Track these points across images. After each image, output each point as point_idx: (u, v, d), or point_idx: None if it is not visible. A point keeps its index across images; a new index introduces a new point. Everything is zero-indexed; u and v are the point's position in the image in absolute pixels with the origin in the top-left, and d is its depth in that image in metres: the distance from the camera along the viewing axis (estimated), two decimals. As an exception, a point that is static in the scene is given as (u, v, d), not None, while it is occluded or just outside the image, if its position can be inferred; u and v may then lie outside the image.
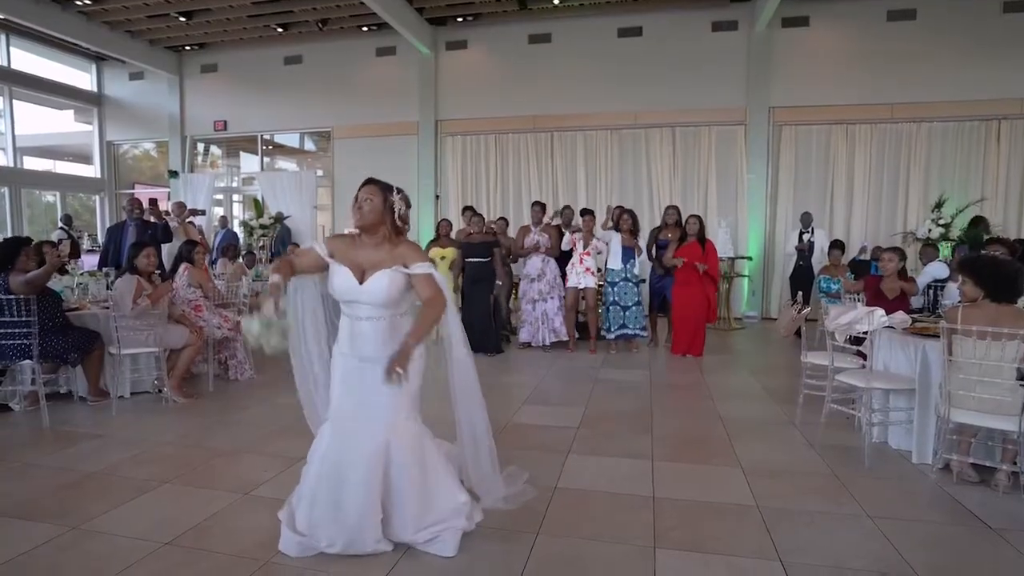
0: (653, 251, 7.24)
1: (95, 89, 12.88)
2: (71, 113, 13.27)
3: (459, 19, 10.67)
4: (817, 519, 2.90)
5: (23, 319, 4.19)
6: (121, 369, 4.84)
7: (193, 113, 12.43)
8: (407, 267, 2.53)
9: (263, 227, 11.21)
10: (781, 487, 3.26)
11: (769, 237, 10.04)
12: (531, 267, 7.17)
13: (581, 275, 6.96)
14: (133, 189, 13.09)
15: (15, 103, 11.72)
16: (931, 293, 6.08)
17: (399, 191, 2.61)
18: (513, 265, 7.71)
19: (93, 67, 12.78)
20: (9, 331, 4.23)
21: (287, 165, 13.25)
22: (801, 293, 6.41)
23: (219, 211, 12.59)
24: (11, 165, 11.58)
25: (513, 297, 7.94)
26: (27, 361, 4.32)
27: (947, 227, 8.33)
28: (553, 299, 7.11)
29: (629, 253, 6.91)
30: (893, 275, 4.84)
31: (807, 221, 8.81)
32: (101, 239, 10.49)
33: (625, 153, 10.44)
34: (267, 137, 12.66)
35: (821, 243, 8.49)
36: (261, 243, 11.08)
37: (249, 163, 13.04)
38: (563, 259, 7.18)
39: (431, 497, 2.57)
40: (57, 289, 5.16)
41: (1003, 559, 2.59)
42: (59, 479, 3.33)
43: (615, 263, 6.92)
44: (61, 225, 9.97)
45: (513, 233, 7.79)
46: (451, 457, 2.76)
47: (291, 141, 13.06)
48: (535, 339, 7.14)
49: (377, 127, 11.17)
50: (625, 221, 6.93)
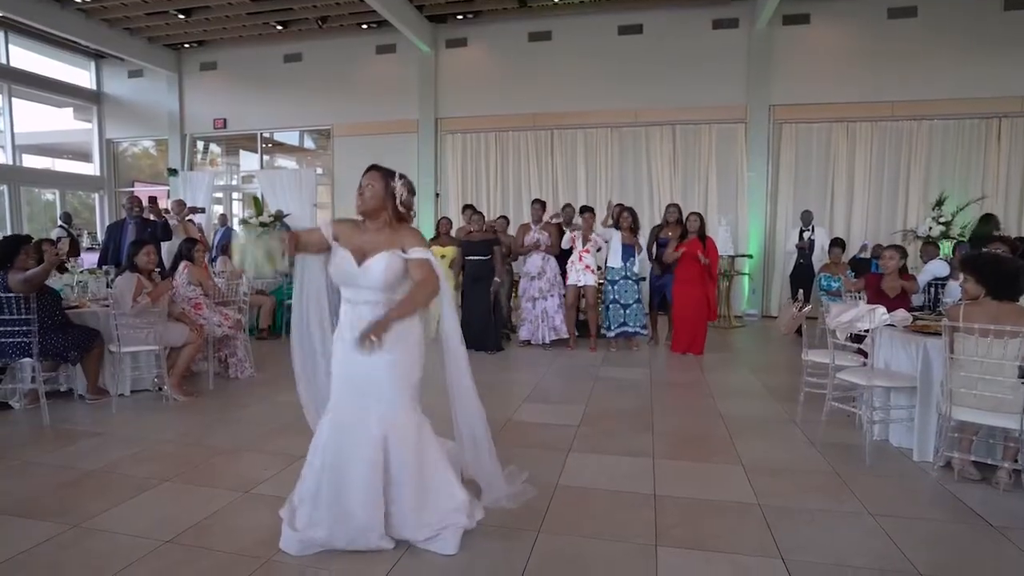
0: (654, 250, 7.23)
1: (94, 87, 12.86)
2: (70, 111, 13.25)
3: (459, 16, 10.65)
4: (818, 517, 2.89)
5: (23, 317, 4.19)
6: (121, 367, 4.83)
7: (192, 111, 12.41)
8: (405, 251, 2.54)
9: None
10: (782, 485, 3.26)
11: (769, 235, 10.03)
12: (531, 265, 7.16)
13: (581, 272, 6.95)
14: (132, 187, 13.08)
15: (14, 101, 11.71)
16: (932, 291, 6.07)
17: (401, 177, 2.62)
18: (513, 263, 7.70)
19: (92, 65, 12.76)
20: (9, 329, 4.22)
21: (287, 163, 13.23)
22: (802, 291, 6.40)
23: (218, 209, 12.57)
24: (10, 163, 11.57)
25: (513, 295, 7.93)
26: (27, 359, 4.31)
27: (947, 225, 8.32)
28: (553, 297, 7.10)
29: (629, 251, 6.90)
30: (894, 273, 4.85)
31: (807, 219, 8.80)
32: (101, 237, 10.49)
33: (625, 151, 10.43)
34: (267, 135, 12.64)
35: (821, 241, 8.48)
36: (261, 241, 11.06)
37: (249, 161, 13.02)
38: (563, 257, 7.17)
39: (429, 491, 2.56)
40: (57, 287, 5.15)
41: (1004, 557, 2.59)
42: (59, 477, 3.33)
43: (615, 261, 6.91)
44: (60, 223, 9.95)
45: (513, 231, 7.79)
46: (452, 455, 2.75)
47: (291, 139, 13.04)
48: (535, 337, 7.13)
49: (377, 125, 11.16)
50: (625, 219, 6.92)
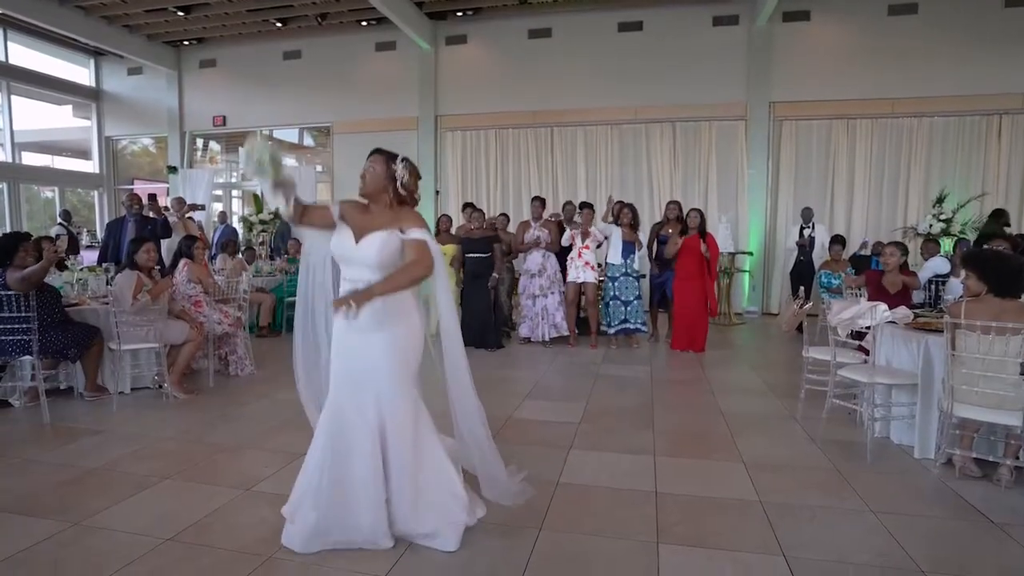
0: (654, 247, 7.22)
1: (93, 84, 12.84)
2: (69, 108, 13.24)
3: (459, 13, 10.63)
4: (820, 514, 2.89)
5: (23, 315, 4.18)
6: (121, 365, 4.83)
7: (192, 108, 12.40)
8: (403, 232, 2.54)
9: (263, 223, 11.18)
10: (783, 482, 3.26)
11: (769, 232, 10.03)
12: (531, 262, 7.15)
13: (580, 269, 6.95)
14: (132, 185, 13.07)
15: (13, 98, 11.69)
16: (932, 288, 6.07)
17: (403, 160, 2.63)
18: (514, 261, 7.69)
19: (91, 62, 12.74)
20: (9, 327, 4.21)
21: (286, 161, 13.18)
22: (803, 288, 6.40)
23: (218, 207, 12.56)
24: (9, 161, 11.56)
25: (513, 293, 7.93)
26: (27, 357, 4.30)
27: (948, 222, 8.32)
28: (553, 294, 7.10)
29: (629, 248, 6.89)
30: (895, 269, 4.83)
31: (808, 216, 8.80)
32: (100, 235, 10.47)
33: (625, 148, 10.42)
34: (266, 132, 12.59)
35: (822, 238, 8.48)
36: (261, 239, 11.06)
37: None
38: (563, 254, 7.16)
39: (428, 483, 2.56)
40: (57, 285, 5.14)
41: (1006, 553, 2.59)
42: (60, 475, 3.32)
43: (615, 258, 6.91)
44: (60, 221, 9.94)
45: (513, 229, 7.78)
46: (452, 452, 2.74)
47: (290, 136, 13.01)
48: (535, 334, 7.13)
49: (377, 122, 11.13)
50: (625, 215, 6.91)
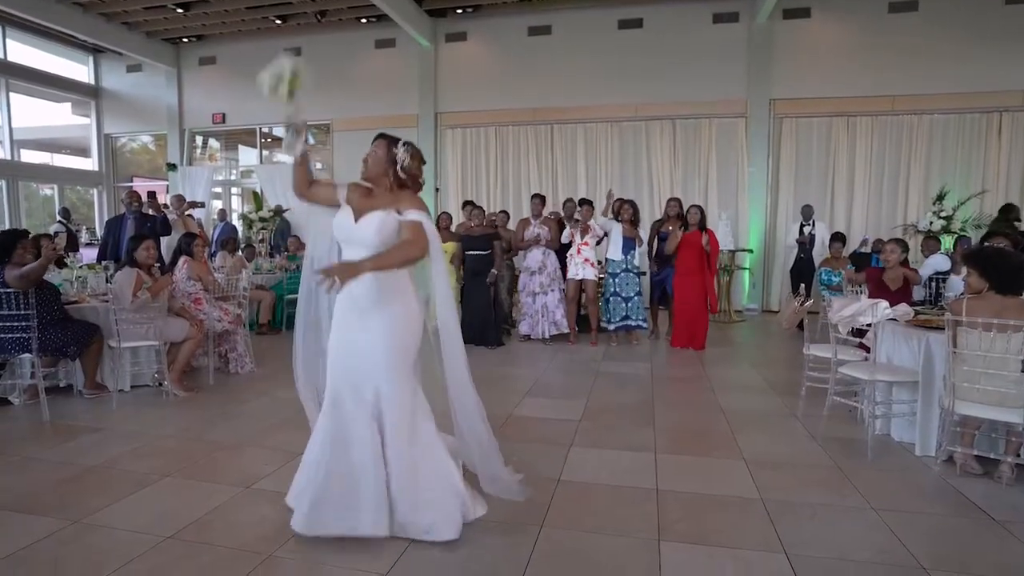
0: (655, 244, 7.21)
1: (92, 81, 12.81)
2: (68, 106, 13.21)
3: (459, 11, 10.61)
4: (820, 511, 2.89)
5: (22, 312, 4.16)
6: (121, 362, 4.82)
7: (191, 106, 12.37)
8: (400, 213, 2.55)
9: (262, 220, 11.17)
10: (784, 479, 3.26)
11: (770, 230, 10.02)
12: (531, 260, 7.15)
13: (580, 266, 6.94)
14: (131, 182, 13.05)
15: (12, 95, 11.66)
16: (933, 285, 6.06)
17: (406, 144, 2.65)
18: (514, 258, 7.68)
19: (90, 59, 12.71)
20: (8, 325, 4.20)
21: (286, 158, 13.13)
22: (804, 285, 6.39)
23: (218, 204, 12.55)
24: (8, 158, 11.54)
25: (514, 290, 7.92)
26: (26, 355, 4.29)
27: (948, 219, 8.31)
28: (554, 292, 7.09)
29: (630, 244, 6.88)
30: (895, 266, 4.82)
31: (808, 214, 8.80)
32: (100, 232, 10.46)
33: (625, 146, 10.41)
34: (266, 130, 12.59)
35: (822, 236, 8.48)
36: (260, 236, 11.05)
37: (247, 156, 12.98)
38: (563, 251, 7.15)
39: (425, 476, 2.57)
40: (56, 282, 5.13)
41: (1007, 551, 2.58)
42: (60, 473, 3.32)
43: (615, 254, 6.89)
44: (59, 218, 9.93)
45: (513, 226, 7.77)
46: (452, 449, 2.73)
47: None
48: (535, 332, 7.13)
49: (376, 120, 11.08)
50: (626, 211, 6.90)
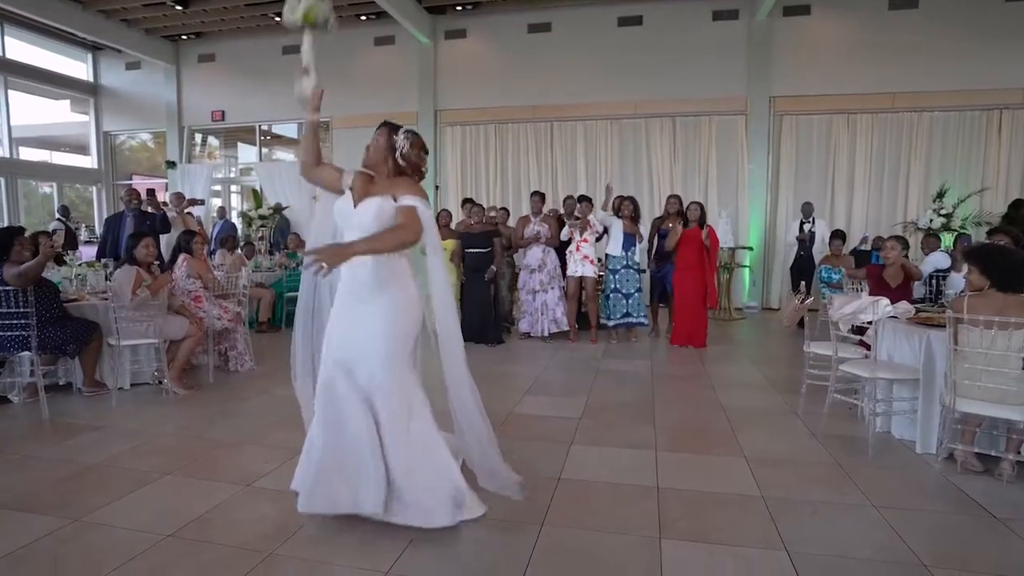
0: (655, 242, 7.21)
1: (91, 79, 12.77)
2: (67, 103, 13.17)
3: (458, 8, 10.58)
4: (821, 509, 2.89)
5: (21, 310, 4.15)
6: (120, 361, 4.82)
7: (190, 103, 12.35)
8: (396, 199, 2.55)
9: (262, 218, 11.16)
10: (785, 477, 3.26)
11: (770, 227, 10.01)
12: (531, 258, 7.14)
13: (579, 263, 6.93)
14: (130, 180, 13.02)
15: (11, 93, 11.63)
16: (933, 283, 6.06)
17: (407, 131, 2.67)
18: (514, 255, 7.67)
19: (89, 57, 12.67)
20: (7, 323, 4.19)
21: (285, 156, 13.17)
22: (804, 283, 6.39)
23: (217, 202, 12.54)
24: (7, 156, 11.51)
25: (514, 287, 7.92)
26: (25, 353, 4.29)
27: (949, 217, 8.31)
28: (553, 289, 7.09)
29: (630, 240, 6.87)
30: (896, 263, 4.81)
31: (808, 211, 8.80)
32: (99, 230, 10.44)
33: (625, 143, 10.40)
34: (265, 127, 12.58)
35: (822, 233, 8.48)
36: (260, 234, 11.04)
37: (247, 154, 12.96)
38: (563, 249, 7.14)
39: (420, 468, 2.58)
40: (55, 280, 5.12)
41: (1008, 548, 2.58)
42: (59, 471, 3.31)
43: (616, 250, 6.88)
44: (58, 216, 9.91)
45: (513, 223, 7.76)
46: (453, 447, 2.73)
47: (289, 131, 12.97)
48: (535, 329, 7.12)
49: (376, 117, 10.74)
50: (626, 207, 6.89)
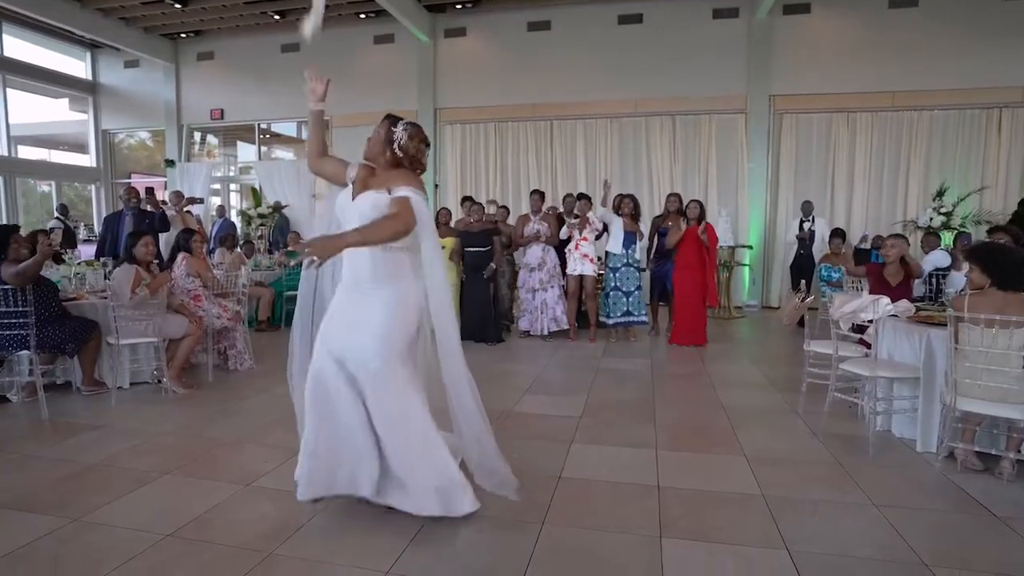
0: (655, 241, 7.20)
1: (90, 77, 12.75)
2: (66, 101, 13.15)
3: (458, 6, 10.57)
4: (822, 508, 2.89)
5: (20, 309, 4.14)
6: (120, 360, 4.81)
7: (189, 102, 12.33)
8: (390, 192, 2.54)
9: (261, 216, 11.15)
10: (785, 476, 3.25)
11: (770, 226, 10.01)
12: (531, 256, 7.13)
13: (578, 261, 6.92)
14: (129, 179, 13.00)
15: (9, 91, 11.60)
16: (933, 281, 6.06)
17: (407, 124, 2.67)
18: (514, 253, 7.66)
19: (88, 55, 12.65)
20: (6, 321, 4.17)
21: (284, 154, 13.16)
22: (804, 282, 6.39)
23: (216, 200, 12.52)
24: (5, 154, 11.48)
25: (514, 285, 7.90)
26: (24, 352, 4.28)
27: (948, 215, 8.31)
28: (553, 288, 7.08)
29: (631, 238, 6.86)
30: (896, 262, 4.80)
31: (808, 210, 8.79)
32: (98, 229, 10.43)
33: (625, 142, 10.39)
34: (264, 126, 12.56)
35: (822, 232, 8.47)
36: (259, 233, 11.04)
37: (246, 152, 12.95)
38: (563, 248, 7.13)
39: (415, 448, 2.59)
40: (55, 279, 5.11)
41: (1008, 547, 2.58)
42: (59, 471, 3.31)
43: (616, 247, 6.87)
44: (57, 215, 9.90)
45: (513, 221, 7.75)
46: (452, 447, 2.72)
47: (288, 130, 12.96)
48: (534, 328, 7.12)
49: (375, 116, 10.66)
50: (626, 205, 6.88)
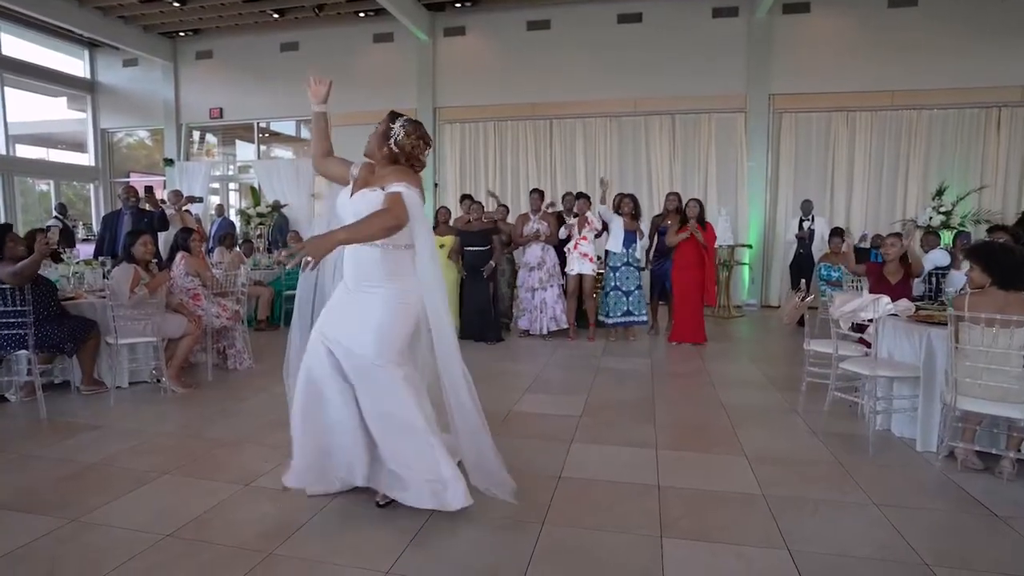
0: (655, 239, 7.19)
1: (88, 76, 12.72)
2: (64, 100, 13.12)
3: (457, 5, 10.56)
4: (822, 507, 2.88)
5: (18, 308, 4.12)
6: (119, 359, 4.80)
7: (188, 100, 12.31)
8: (383, 188, 2.53)
9: (260, 216, 11.14)
10: (785, 475, 3.25)
11: (769, 225, 10.01)
12: (530, 255, 7.13)
13: (578, 260, 6.92)
14: (128, 178, 12.98)
15: (7, 90, 11.57)
16: (933, 280, 6.06)
17: (405, 120, 2.67)
18: (513, 252, 7.65)
19: (86, 53, 12.62)
20: (4, 321, 4.15)
21: (283, 153, 13.14)
22: (804, 281, 6.39)
23: (215, 200, 12.51)
24: (3, 153, 11.44)
25: (514, 284, 7.89)
26: (23, 351, 4.26)
27: (948, 214, 8.31)
28: (552, 287, 7.07)
29: (631, 237, 6.86)
30: (895, 260, 4.80)
31: (807, 209, 8.80)
32: (96, 228, 10.41)
33: (624, 141, 10.39)
34: (263, 125, 12.54)
35: (821, 231, 8.47)
36: (258, 232, 11.02)
37: (245, 151, 12.93)
38: (563, 247, 7.12)
39: (407, 442, 2.61)
40: (53, 278, 5.10)
41: (1009, 546, 2.58)
42: (58, 471, 3.30)
43: (616, 246, 6.87)
44: (56, 214, 9.87)
45: (512, 220, 7.74)
46: (450, 448, 2.71)
47: (287, 129, 12.94)
48: (533, 327, 7.11)
49: (374, 114, 10.65)
50: (626, 204, 6.87)
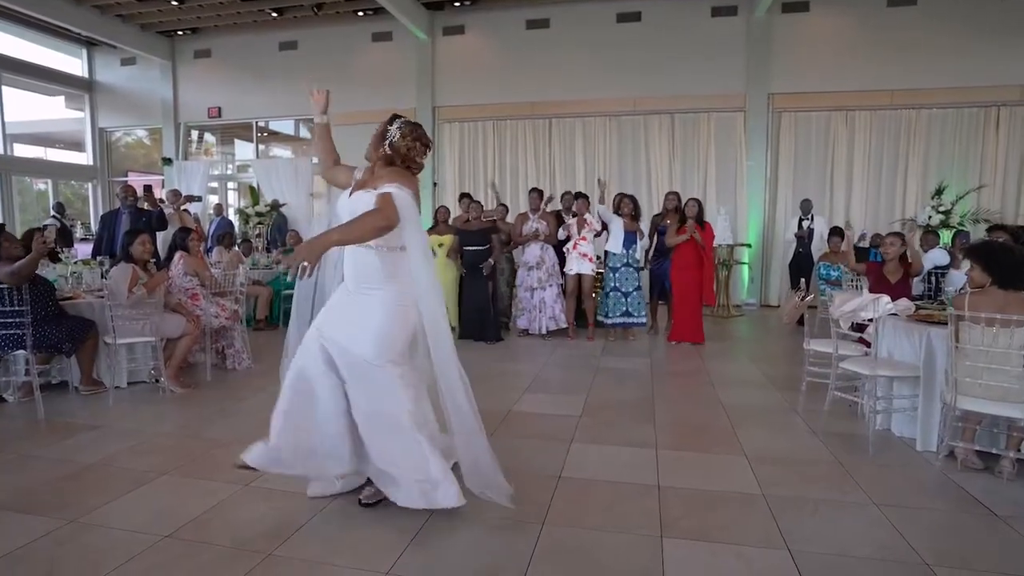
0: (654, 239, 7.19)
1: (86, 75, 12.69)
2: (62, 99, 13.09)
3: (456, 4, 10.54)
4: (822, 507, 2.88)
5: (16, 309, 4.11)
6: (117, 359, 4.78)
7: (186, 99, 12.28)
8: (376, 189, 2.52)
9: (259, 215, 11.12)
10: (785, 475, 3.25)
11: (768, 224, 10.01)
12: (530, 255, 7.12)
13: (577, 260, 6.92)
14: (126, 177, 12.96)
15: (5, 89, 11.53)
16: (932, 280, 6.06)
17: (402, 122, 2.65)
18: (513, 251, 7.64)
19: (84, 52, 12.58)
20: (1, 321, 4.14)
21: (282, 152, 13.12)
22: (804, 280, 6.39)
23: (214, 199, 12.48)
24: (1, 152, 11.41)
25: (513, 283, 7.88)
26: (20, 351, 4.25)
27: (947, 214, 8.31)
28: (552, 287, 7.07)
29: (631, 238, 6.85)
30: (895, 259, 4.80)
31: (807, 208, 8.80)
32: (94, 227, 10.39)
33: (624, 140, 10.38)
34: (262, 124, 12.52)
35: (821, 230, 8.47)
36: (257, 231, 11.00)
37: (244, 150, 12.91)
38: (562, 247, 7.12)
39: (390, 439, 2.61)
40: (51, 278, 5.08)
41: (1009, 546, 2.58)
42: (56, 471, 3.28)
43: (616, 247, 6.86)
44: (53, 213, 9.85)
45: (511, 220, 7.73)
46: (446, 449, 2.70)
47: (286, 128, 12.92)
48: (532, 327, 7.11)
49: (373, 114, 10.76)
50: (626, 205, 6.87)
